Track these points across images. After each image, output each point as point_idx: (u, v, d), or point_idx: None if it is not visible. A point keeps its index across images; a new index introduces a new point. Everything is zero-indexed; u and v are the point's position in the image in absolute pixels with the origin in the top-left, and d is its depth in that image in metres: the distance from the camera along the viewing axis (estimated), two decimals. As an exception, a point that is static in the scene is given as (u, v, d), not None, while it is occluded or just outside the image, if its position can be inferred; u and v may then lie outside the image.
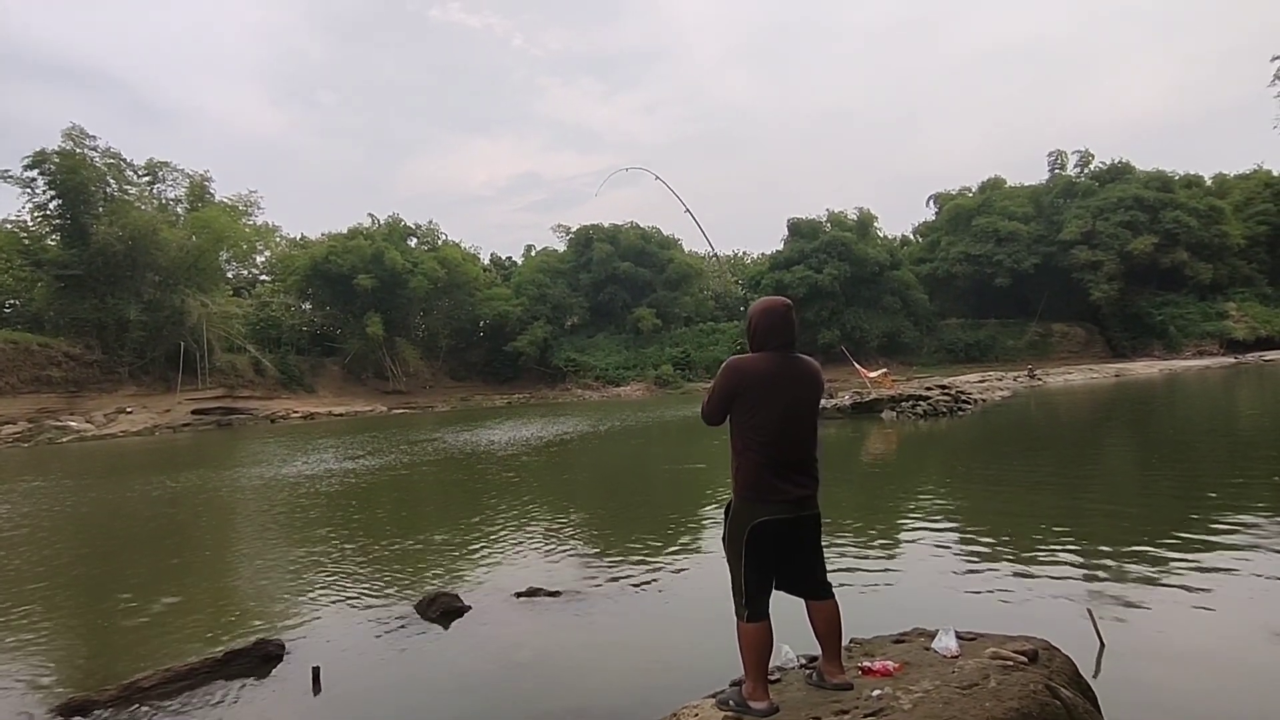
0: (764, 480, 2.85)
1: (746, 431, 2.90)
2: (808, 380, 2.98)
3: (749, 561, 2.87)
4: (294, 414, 41.24)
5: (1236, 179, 58.18)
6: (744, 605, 2.88)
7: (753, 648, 2.84)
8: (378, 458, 17.38)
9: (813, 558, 3.01)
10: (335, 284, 51.01)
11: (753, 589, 2.88)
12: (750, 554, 2.87)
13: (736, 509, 2.94)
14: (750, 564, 2.87)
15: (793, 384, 2.93)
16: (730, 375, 2.93)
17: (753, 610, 2.86)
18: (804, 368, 2.99)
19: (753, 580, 2.88)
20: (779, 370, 2.92)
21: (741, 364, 2.94)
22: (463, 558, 7.29)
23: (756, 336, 2.99)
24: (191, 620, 5.81)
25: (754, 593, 2.88)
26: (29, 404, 35.76)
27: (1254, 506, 7.09)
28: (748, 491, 2.89)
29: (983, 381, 31.82)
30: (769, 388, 2.89)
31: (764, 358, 2.94)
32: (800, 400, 2.94)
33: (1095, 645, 3.92)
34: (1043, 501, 8.40)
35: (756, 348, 2.99)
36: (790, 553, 2.94)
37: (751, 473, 2.88)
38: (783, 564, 2.95)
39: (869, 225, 57.49)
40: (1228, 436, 13.81)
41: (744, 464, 2.91)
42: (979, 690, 2.38)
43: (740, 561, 2.89)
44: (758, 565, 2.88)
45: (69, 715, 4.08)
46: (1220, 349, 48.05)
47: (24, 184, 40.11)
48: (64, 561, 8.47)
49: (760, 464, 2.86)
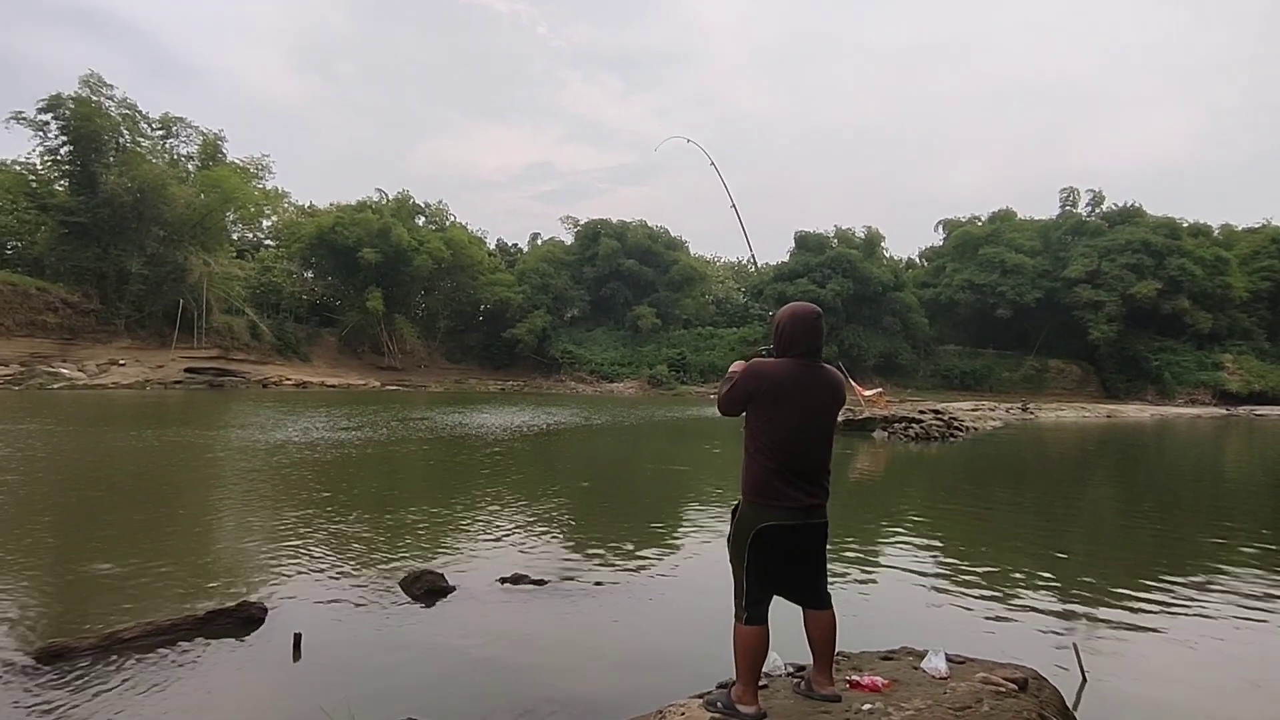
0: (772, 485, 2.85)
1: (759, 435, 2.90)
2: (828, 390, 2.98)
3: (751, 565, 2.87)
4: (286, 381, 41.10)
5: (1244, 232, 58.38)
6: (743, 608, 2.87)
7: (747, 651, 2.83)
8: (369, 431, 17.34)
9: (816, 566, 3.01)
10: (339, 255, 50.85)
11: (754, 593, 2.87)
12: (753, 557, 2.86)
13: (743, 511, 2.93)
14: (752, 567, 2.87)
15: (812, 392, 2.92)
16: (751, 378, 2.94)
17: (752, 614, 2.86)
18: (826, 377, 2.99)
19: (754, 584, 2.87)
20: (800, 378, 2.91)
21: (763, 368, 2.95)
22: (448, 538, 7.28)
23: (782, 341, 2.98)
24: (173, 577, 5.78)
25: (755, 597, 2.87)
26: (22, 347, 35.56)
27: (1236, 556, 7.14)
28: (755, 495, 2.89)
29: (976, 410, 31.88)
30: (787, 394, 2.88)
31: (786, 364, 2.94)
32: (818, 409, 2.94)
33: (1076, 678, 3.93)
34: (1027, 534, 8.44)
35: (782, 352, 2.98)
36: (795, 559, 2.94)
37: (761, 477, 2.87)
38: (786, 570, 2.94)
39: (876, 244, 57.60)
40: (1214, 486, 13.88)
41: (754, 467, 2.91)
42: (971, 713, 2.38)
43: (743, 564, 2.89)
44: (760, 569, 2.88)
45: (47, 660, 4.05)
46: (1213, 399, 48.24)
47: (36, 126, 39.86)
48: (46, 508, 8.43)
49: (770, 469, 2.86)
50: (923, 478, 14.00)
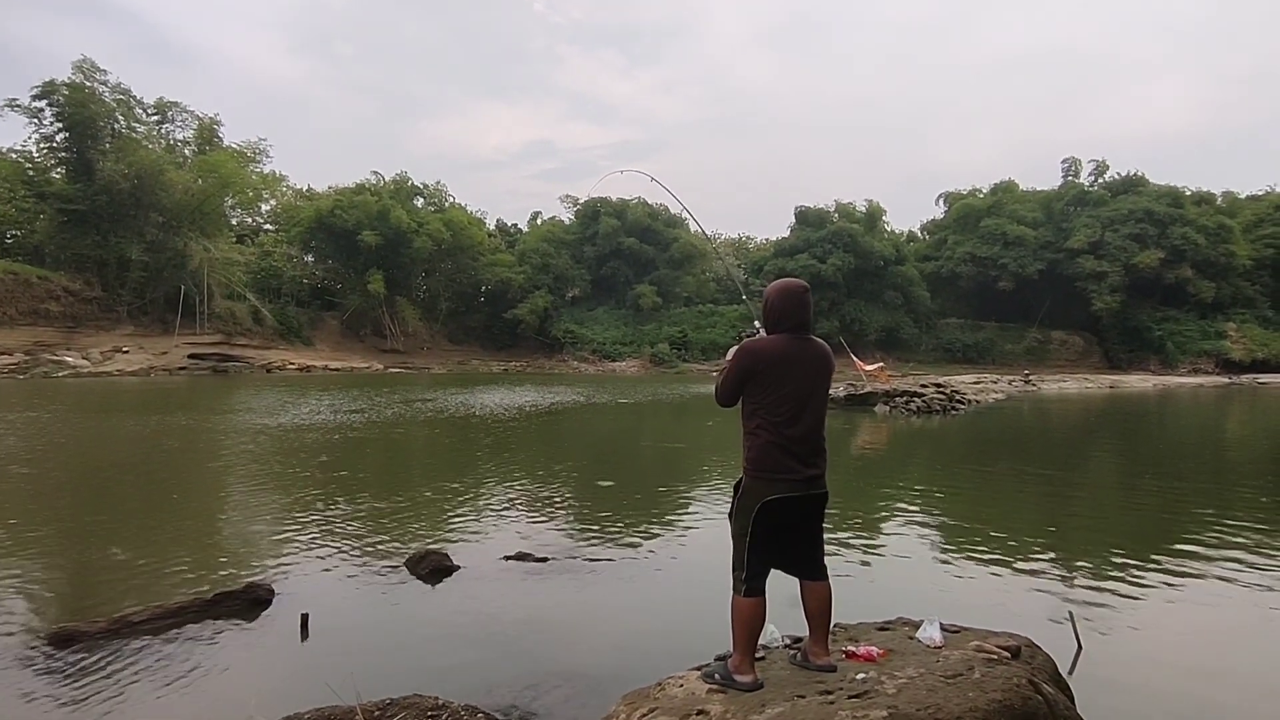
0: (775, 459, 2.89)
1: (759, 411, 2.94)
2: (820, 362, 3.02)
3: (755, 537, 2.91)
4: (289, 365, 41.22)
5: (1248, 199, 57.92)
6: (743, 580, 2.91)
7: (745, 622, 2.88)
8: (372, 414, 17.42)
9: (815, 537, 3.05)
10: (339, 238, 50.72)
11: (755, 565, 2.92)
12: (757, 530, 2.90)
13: (747, 486, 2.96)
14: (755, 540, 2.91)
15: (806, 365, 2.97)
16: (745, 357, 2.97)
17: (751, 586, 2.90)
18: (817, 349, 3.03)
19: (756, 557, 2.92)
20: (793, 351, 2.95)
21: (756, 346, 2.98)
22: (452, 518, 7.35)
23: (772, 316, 3.02)
24: (182, 560, 5.85)
25: (756, 569, 2.92)
26: (26, 336, 35.66)
27: (1236, 524, 7.17)
28: (758, 469, 2.92)
29: (978, 383, 31.93)
30: (783, 368, 2.92)
31: (778, 339, 2.97)
32: (813, 381, 2.98)
33: (1072, 647, 3.99)
34: (1028, 504, 8.49)
35: (771, 328, 3.02)
36: (795, 531, 2.99)
37: (763, 451, 2.91)
38: (787, 542, 2.99)
39: (877, 218, 57.26)
40: (1215, 454, 13.92)
41: (755, 443, 2.94)
42: (963, 680, 2.42)
43: (745, 537, 2.92)
44: (763, 542, 2.92)
45: (59, 644, 4.12)
46: (1216, 368, 48.17)
47: (31, 114, 39.70)
48: (57, 495, 8.51)
49: (772, 443, 2.90)
50: (924, 451, 14.05)
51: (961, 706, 2.23)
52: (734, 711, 2.50)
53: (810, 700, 2.47)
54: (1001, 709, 2.23)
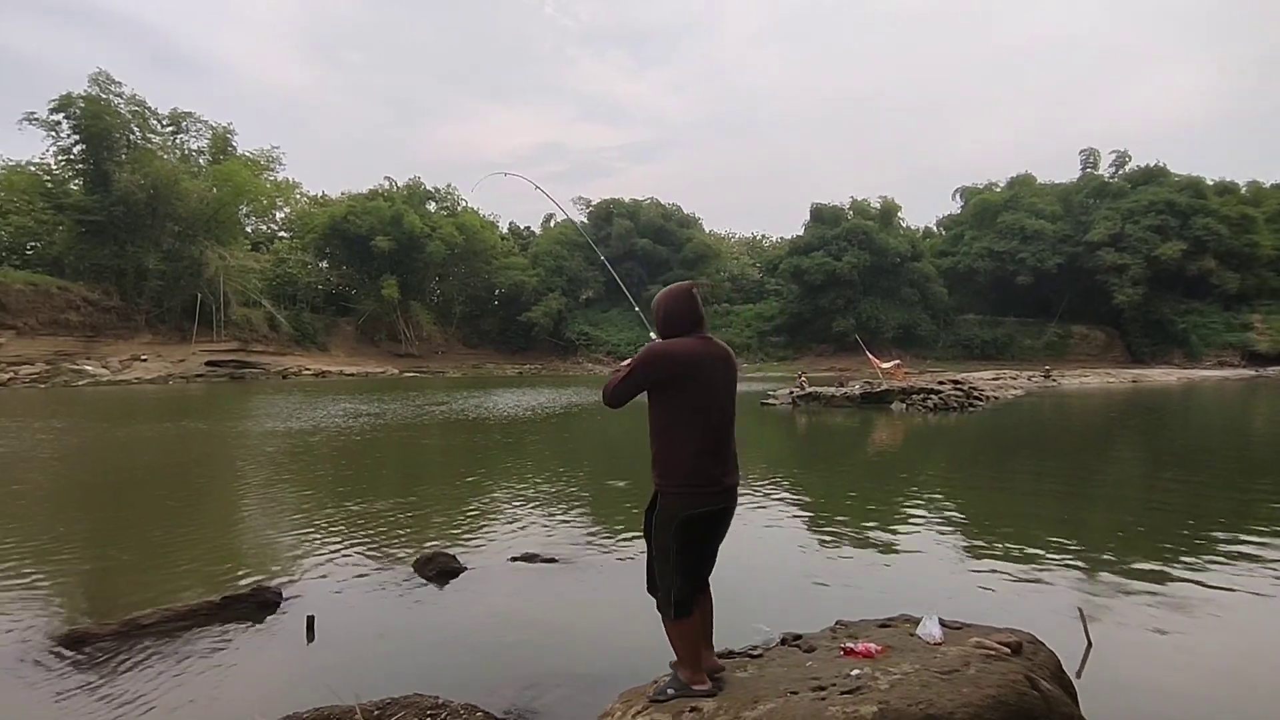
0: (699, 467, 2.70)
1: (681, 415, 2.73)
2: (727, 363, 2.89)
3: (684, 558, 2.72)
4: (306, 371, 41.64)
5: (1272, 188, 56.96)
6: (672, 604, 2.72)
7: (685, 637, 2.74)
8: (386, 418, 17.53)
9: (717, 548, 2.89)
10: (353, 244, 51.20)
11: (685, 587, 2.73)
12: (684, 550, 2.71)
13: (667, 502, 2.74)
14: (684, 561, 2.72)
15: (717, 366, 2.83)
16: (657, 360, 2.76)
17: (681, 610, 2.72)
18: (722, 349, 2.90)
19: (685, 578, 2.73)
20: (705, 351, 2.81)
21: (668, 348, 2.80)
22: (460, 520, 7.36)
23: (668, 321, 2.87)
24: (191, 564, 5.91)
25: (686, 591, 2.73)
26: (46, 346, 36.29)
27: (1258, 525, 6.99)
28: (681, 481, 2.71)
29: (997, 379, 31.60)
30: (701, 369, 2.77)
31: (689, 340, 2.82)
32: (724, 383, 2.84)
33: (1083, 645, 3.92)
34: (1044, 502, 8.36)
35: (668, 333, 2.87)
36: (713, 543, 2.83)
37: (686, 460, 2.70)
38: (710, 554, 2.84)
39: (892, 215, 56.94)
40: (1239, 451, 13.65)
41: (677, 452, 2.72)
42: (958, 676, 2.38)
43: (671, 558, 2.72)
44: (691, 561, 2.74)
45: (70, 646, 4.17)
46: (1241, 361, 47.41)
47: (49, 127, 40.46)
48: (75, 501, 8.65)
49: (697, 450, 2.70)
50: (940, 448, 13.92)
51: (954, 702, 2.19)
52: (726, 708, 2.48)
53: (803, 696, 2.44)
54: (995, 705, 2.19)
